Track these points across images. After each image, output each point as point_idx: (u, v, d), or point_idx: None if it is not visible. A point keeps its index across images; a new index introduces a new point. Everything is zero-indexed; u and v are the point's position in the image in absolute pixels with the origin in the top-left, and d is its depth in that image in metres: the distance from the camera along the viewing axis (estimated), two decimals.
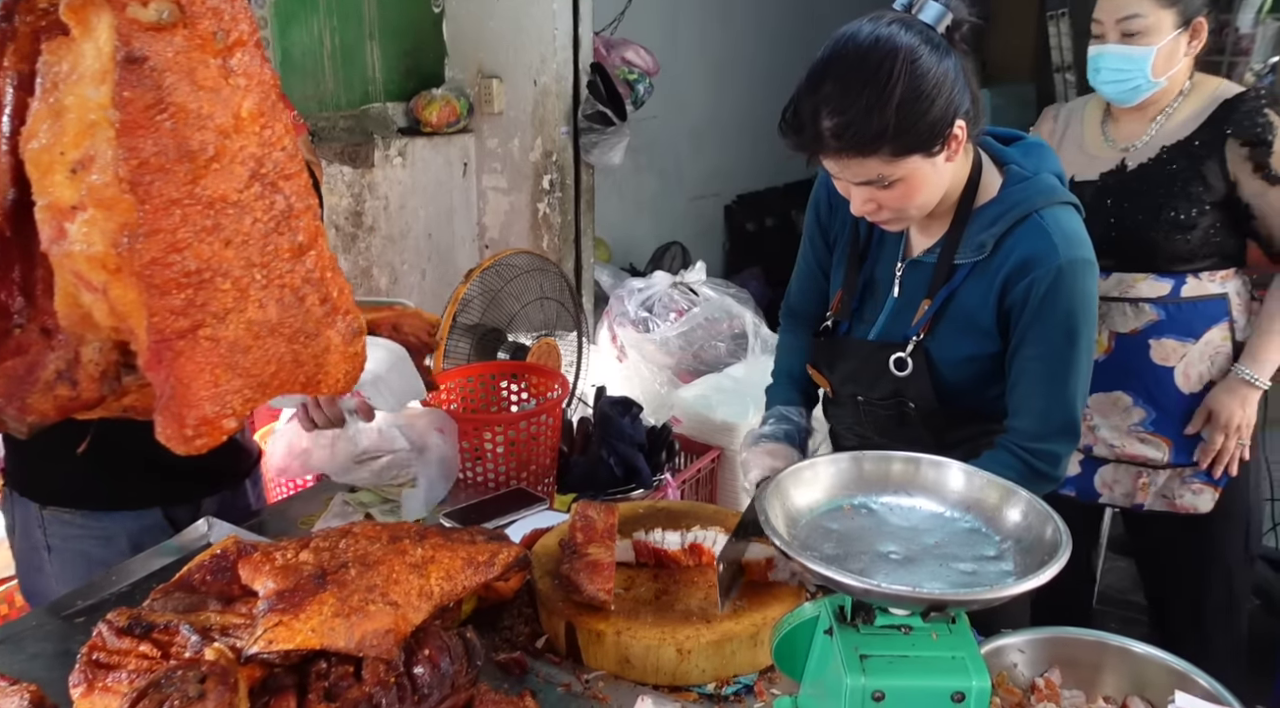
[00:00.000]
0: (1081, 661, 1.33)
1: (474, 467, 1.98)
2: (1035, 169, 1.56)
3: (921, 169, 1.43)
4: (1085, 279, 1.49)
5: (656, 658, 1.37)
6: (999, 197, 1.54)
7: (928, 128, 1.39)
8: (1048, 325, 1.49)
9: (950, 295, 1.55)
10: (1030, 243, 1.48)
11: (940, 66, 1.39)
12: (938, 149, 1.42)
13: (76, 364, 0.96)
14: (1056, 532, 1.10)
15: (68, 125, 0.83)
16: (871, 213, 1.49)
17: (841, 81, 1.38)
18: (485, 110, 3.72)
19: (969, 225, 1.53)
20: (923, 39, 1.39)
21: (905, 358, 1.58)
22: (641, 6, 4.36)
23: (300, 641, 1.16)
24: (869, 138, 1.37)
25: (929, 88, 1.37)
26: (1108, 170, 2.17)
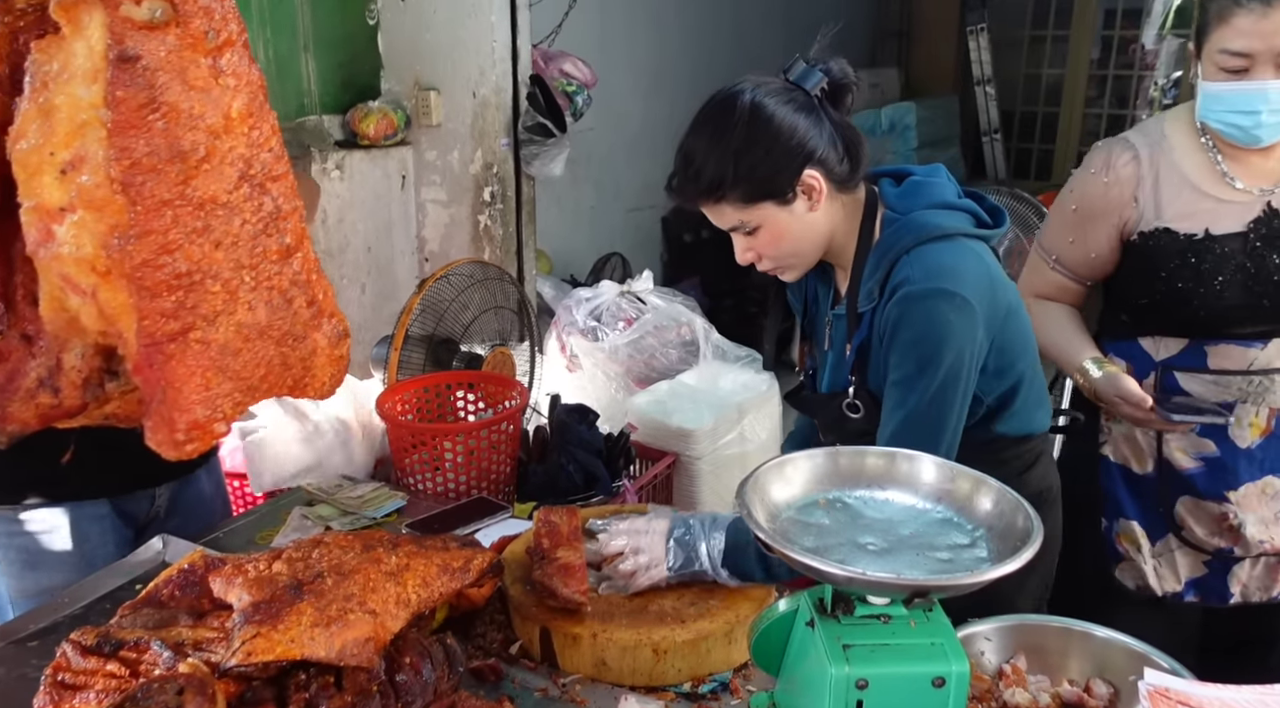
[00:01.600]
0: (1046, 646, 1.38)
1: (433, 477, 1.96)
2: (906, 209, 1.57)
3: (779, 217, 1.50)
4: (934, 308, 1.47)
5: (633, 659, 1.38)
6: (877, 243, 1.57)
7: (769, 175, 1.46)
8: (900, 351, 1.50)
9: (865, 340, 1.58)
10: (893, 282, 1.51)
11: (788, 119, 1.46)
12: (790, 197, 1.49)
13: (59, 371, 0.94)
14: (1027, 519, 1.13)
15: (58, 125, 0.81)
16: (754, 261, 1.56)
17: (695, 132, 1.50)
18: (423, 122, 3.70)
19: (864, 273, 1.58)
20: (775, 94, 1.47)
21: (854, 402, 1.63)
22: (577, 19, 4.39)
23: (280, 652, 1.15)
24: (710, 184, 1.47)
25: (768, 137, 1.45)
26: (1254, 217, 1.82)
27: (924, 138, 6.71)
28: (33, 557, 1.67)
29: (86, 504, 1.71)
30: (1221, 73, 1.75)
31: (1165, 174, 1.88)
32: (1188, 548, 1.98)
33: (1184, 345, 1.91)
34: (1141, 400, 1.84)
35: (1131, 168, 1.90)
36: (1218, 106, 1.78)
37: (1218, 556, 1.96)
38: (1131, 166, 1.90)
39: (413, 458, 1.98)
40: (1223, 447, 1.92)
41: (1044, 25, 7.64)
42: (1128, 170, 1.91)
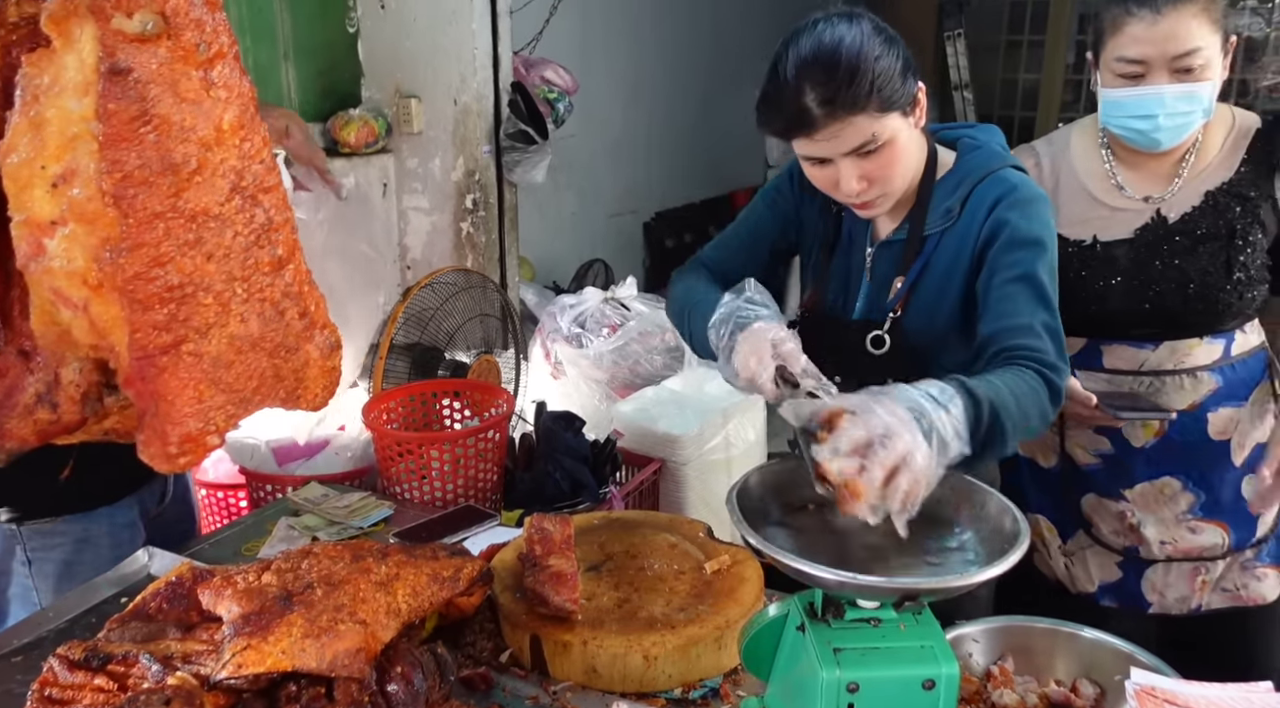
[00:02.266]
0: (1033, 647, 1.39)
1: (420, 486, 1.96)
2: (985, 141, 1.66)
3: (902, 132, 1.51)
4: (1047, 212, 1.56)
5: (624, 666, 1.38)
6: (956, 166, 1.63)
7: (901, 87, 1.48)
8: (1025, 247, 1.51)
9: (924, 268, 1.61)
10: (994, 190, 1.56)
11: (894, 42, 1.49)
12: (910, 110, 1.51)
13: (56, 386, 0.93)
14: (1015, 522, 1.15)
15: (48, 138, 0.80)
16: (862, 192, 1.53)
17: (817, 57, 1.45)
18: (404, 130, 3.69)
19: (933, 198, 1.61)
20: (871, 24, 1.50)
21: (883, 335, 1.62)
22: (558, 26, 4.39)
23: (271, 663, 1.14)
24: (860, 94, 1.44)
25: (894, 55, 1.47)
26: (1141, 225, 1.88)
27: None
28: (69, 569, 1.66)
29: (120, 512, 1.71)
30: (1119, 79, 1.80)
31: (1064, 181, 1.95)
32: (1099, 547, 2.02)
33: (1083, 345, 1.96)
34: (1087, 398, 1.86)
35: (1033, 174, 1.93)
36: (1118, 112, 1.83)
37: (1127, 556, 1.98)
38: (1033, 173, 1.95)
39: (399, 467, 1.97)
40: (1118, 445, 1.95)
41: (1020, 31, 7.71)
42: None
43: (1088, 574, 2.04)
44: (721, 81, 5.92)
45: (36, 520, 1.64)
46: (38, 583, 1.66)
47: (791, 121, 1.48)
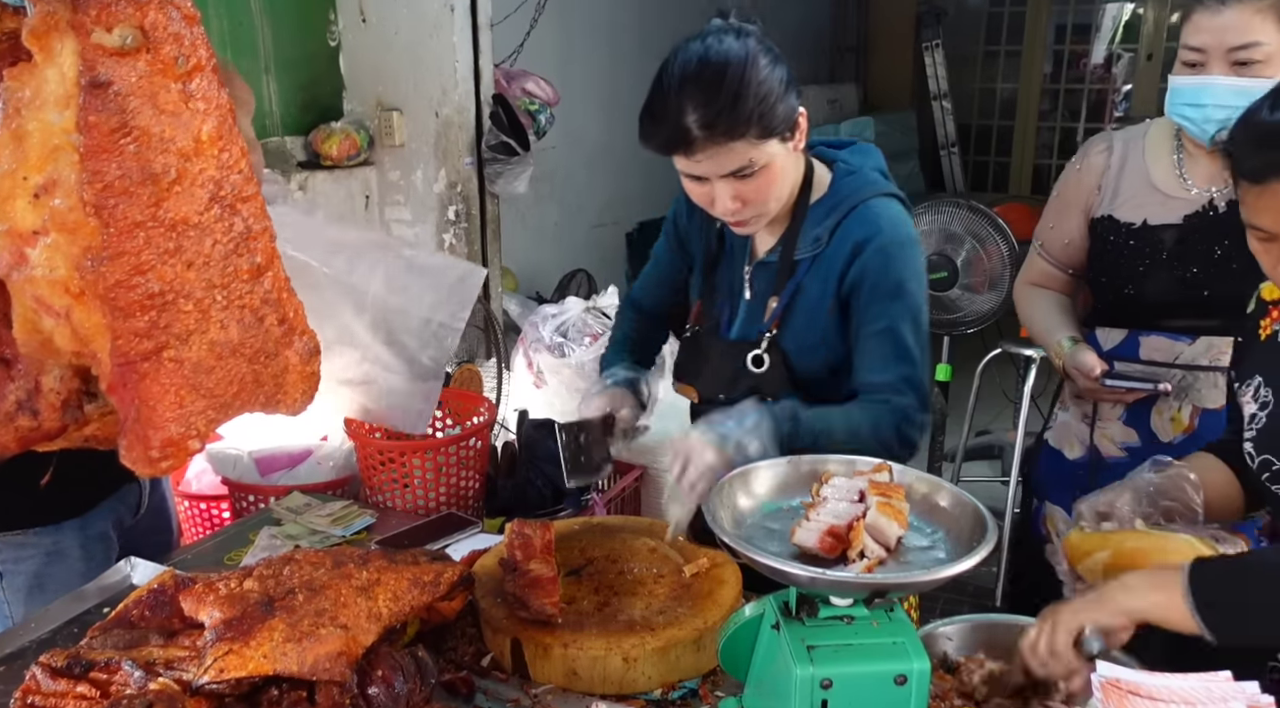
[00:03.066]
0: (1006, 644, 1.41)
1: (402, 493, 1.97)
2: (860, 165, 1.68)
3: (780, 156, 1.53)
4: (914, 257, 1.60)
5: (604, 668, 1.39)
6: (829, 191, 1.65)
7: (783, 114, 1.50)
8: (885, 301, 1.57)
9: (796, 290, 1.65)
10: (860, 229, 1.59)
11: (779, 65, 1.51)
12: (789, 134, 1.53)
13: (37, 394, 0.95)
14: (982, 519, 1.17)
15: (30, 150, 0.82)
16: (737, 211, 1.56)
17: (701, 78, 1.47)
18: (386, 143, 3.71)
19: (805, 222, 1.64)
20: (758, 42, 1.52)
21: (761, 354, 1.66)
22: (538, 39, 4.43)
23: (252, 668, 1.16)
24: (739, 120, 1.46)
25: (777, 79, 1.49)
26: (1191, 212, 1.90)
27: (883, 151, 6.81)
28: (39, 581, 1.66)
29: (91, 524, 1.70)
30: (1183, 67, 1.83)
31: (1130, 168, 1.98)
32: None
33: (1124, 336, 2.00)
34: (1089, 370, 1.92)
35: (1102, 158, 2.02)
36: (1175, 100, 1.85)
37: None
38: (1102, 157, 2.02)
39: (382, 476, 1.99)
40: (1145, 438, 1.99)
41: (997, 41, 7.80)
42: (1099, 159, 2.03)
43: None
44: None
45: (6, 533, 1.64)
46: (8, 595, 1.66)
47: (671, 140, 1.50)
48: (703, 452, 1.46)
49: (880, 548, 1.16)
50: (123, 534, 1.79)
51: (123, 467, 1.03)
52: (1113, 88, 7.52)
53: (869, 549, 1.15)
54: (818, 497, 1.25)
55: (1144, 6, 7.19)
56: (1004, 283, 3.52)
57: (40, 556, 1.65)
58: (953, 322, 3.66)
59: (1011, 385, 3.81)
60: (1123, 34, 7.47)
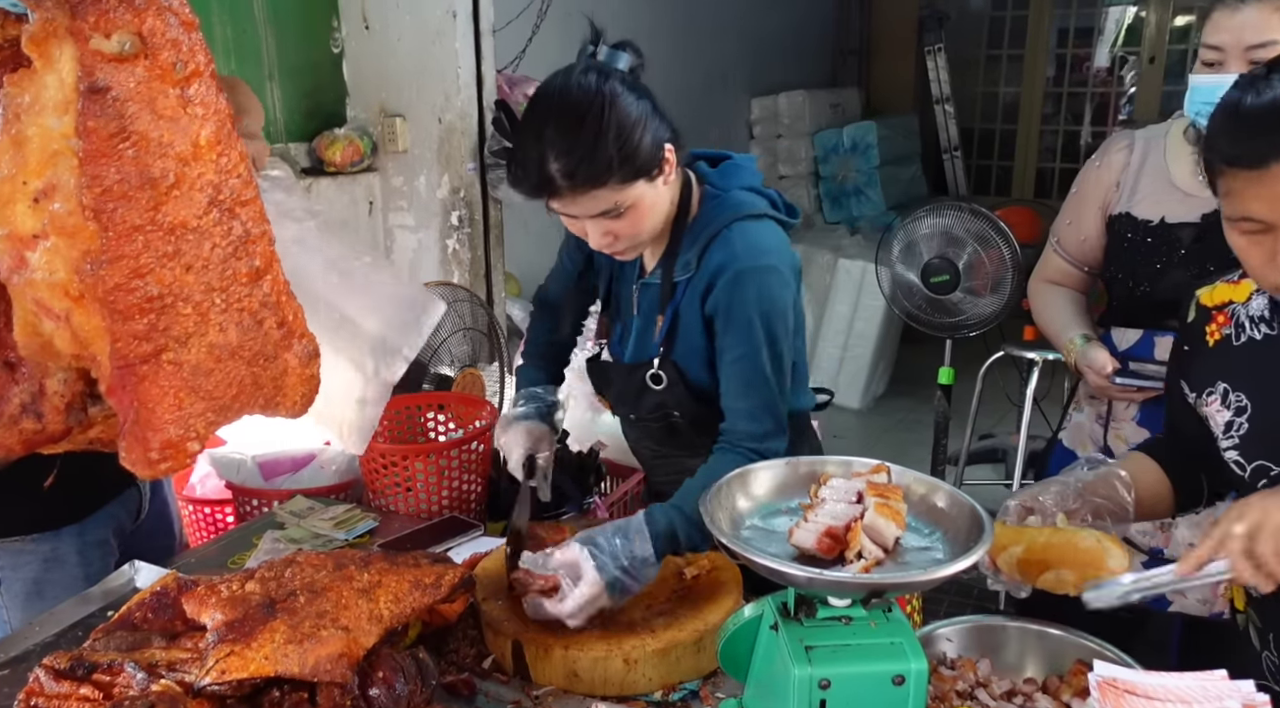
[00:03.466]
0: (1006, 646, 1.42)
1: (405, 497, 1.98)
2: (726, 187, 1.68)
3: (647, 194, 1.54)
4: (765, 283, 1.59)
5: (604, 670, 1.40)
6: (698, 216, 1.66)
7: (646, 155, 1.50)
8: (736, 329, 1.59)
9: (676, 311, 1.68)
10: (719, 255, 1.61)
11: (640, 102, 1.51)
12: (656, 173, 1.54)
13: (41, 396, 0.96)
14: (979, 520, 1.18)
15: (30, 155, 0.83)
16: (609, 245, 1.59)
17: (560, 126, 1.47)
18: (389, 149, 3.72)
19: (680, 245, 1.66)
20: (619, 80, 1.52)
21: (658, 373, 1.70)
22: (540, 44, 4.44)
23: (254, 669, 1.16)
24: (599, 171, 1.47)
25: (636, 119, 1.49)
26: (1210, 211, 1.88)
27: (885, 156, 6.82)
28: (38, 588, 1.66)
29: (89, 530, 1.70)
30: (1203, 67, 1.83)
31: (1150, 165, 1.98)
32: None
33: (1139, 336, 2.00)
34: (1101, 367, 1.92)
35: (1123, 155, 2.02)
36: (1193, 98, 1.85)
37: (1153, 556, 1.98)
38: (1123, 154, 2.03)
39: (384, 479, 1.99)
40: None
41: (999, 45, 7.79)
42: (1119, 157, 2.03)
43: None
44: (702, 97, 5.97)
45: (4, 540, 1.64)
46: (6, 602, 1.66)
47: (536, 188, 1.51)
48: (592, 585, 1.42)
49: (878, 549, 1.16)
50: (123, 540, 1.79)
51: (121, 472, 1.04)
52: (1115, 91, 7.51)
53: (866, 550, 1.16)
54: (816, 498, 1.26)
55: (1146, 9, 7.18)
56: (1006, 286, 3.53)
57: (38, 562, 1.66)
58: (955, 325, 3.66)
59: (1015, 388, 3.81)
60: (1125, 37, 7.47)
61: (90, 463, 1.27)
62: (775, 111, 6.64)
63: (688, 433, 1.76)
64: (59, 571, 1.67)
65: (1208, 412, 1.40)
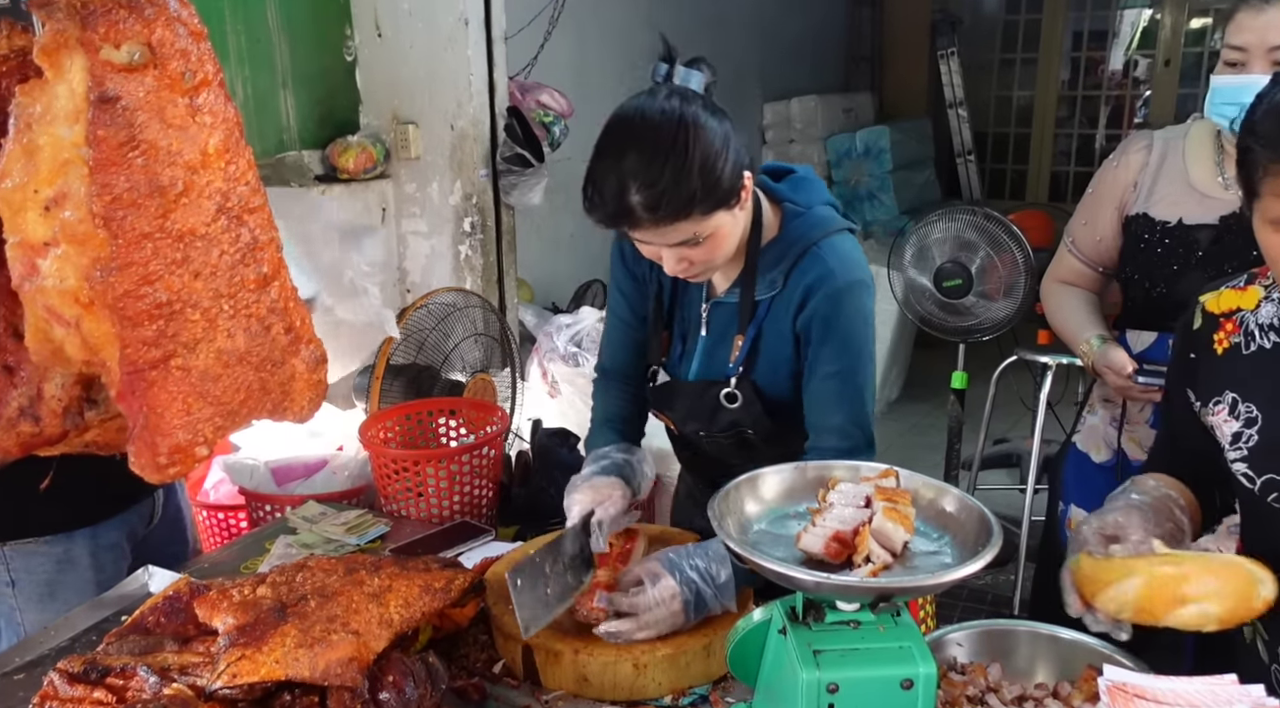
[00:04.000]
0: (1016, 650, 1.41)
1: (416, 502, 1.99)
2: (808, 203, 1.66)
3: (725, 223, 1.51)
4: (862, 298, 1.60)
5: (614, 674, 1.40)
6: (780, 234, 1.64)
7: (727, 185, 1.48)
8: (835, 344, 1.59)
9: (758, 330, 1.66)
10: (812, 272, 1.59)
11: (720, 127, 1.48)
12: (734, 202, 1.51)
13: (39, 400, 0.97)
14: (988, 524, 1.17)
15: (41, 164, 0.84)
16: (684, 270, 1.56)
17: (643, 155, 1.43)
18: (402, 155, 3.74)
19: (760, 264, 1.63)
20: (701, 105, 1.49)
21: (734, 392, 1.67)
22: (552, 51, 4.45)
23: (264, 673, 1.17)
24: (683, 204, 1.44)
25: (719, 148, 1.46)
26: (1228, 213, 1.90)
27: (898, 160, 6.80)
28: (51, 589, 1.68)
29: (103, 533, 1.72)
30: (1225, 67, 1.82)
31: (1169, 166, 1.98)
32: None
33: (1154, 338, 1.99)
34: (1122, 368, 1.91)
35: (1141, 155, 2.01)
36: (1215, 99, 1.84)
37: None
38: (1141, 154, 2.02)
39: (396, 485, 2.00)
40: None
41: (1013, 49, 7.77)
42: (1137, 157, 2.02)
43: None
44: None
45: (19, 541, 1.66)
46: (20, 603, 1.68)
47: (614, 217, 1.48)
48: (671, 603, 1.43)
49: (886, 553, 1.16)
50: (136, 545, 1.81)
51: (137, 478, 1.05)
52: (1131, 94, 7.48)
53: (875, 554, 1.16)
54: (824, 502, 1.26)
55: (1161, 12, 7.15)
56: (1019, 290, 3.52)
57: (51, 564, 1.67)
58: (967, 329, 3.65)
59: (1028, 393, 3.79)
60: (1140, 40, 7.44)
61: (107, 467, 1.28)
62: (788, 116, 6.63)
63: (759, 446, 1.73)
64: (71, 573, 1.69)
65: (1214, 421, 1.37)
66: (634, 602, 1.44)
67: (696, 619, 1.46)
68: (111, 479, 1.47)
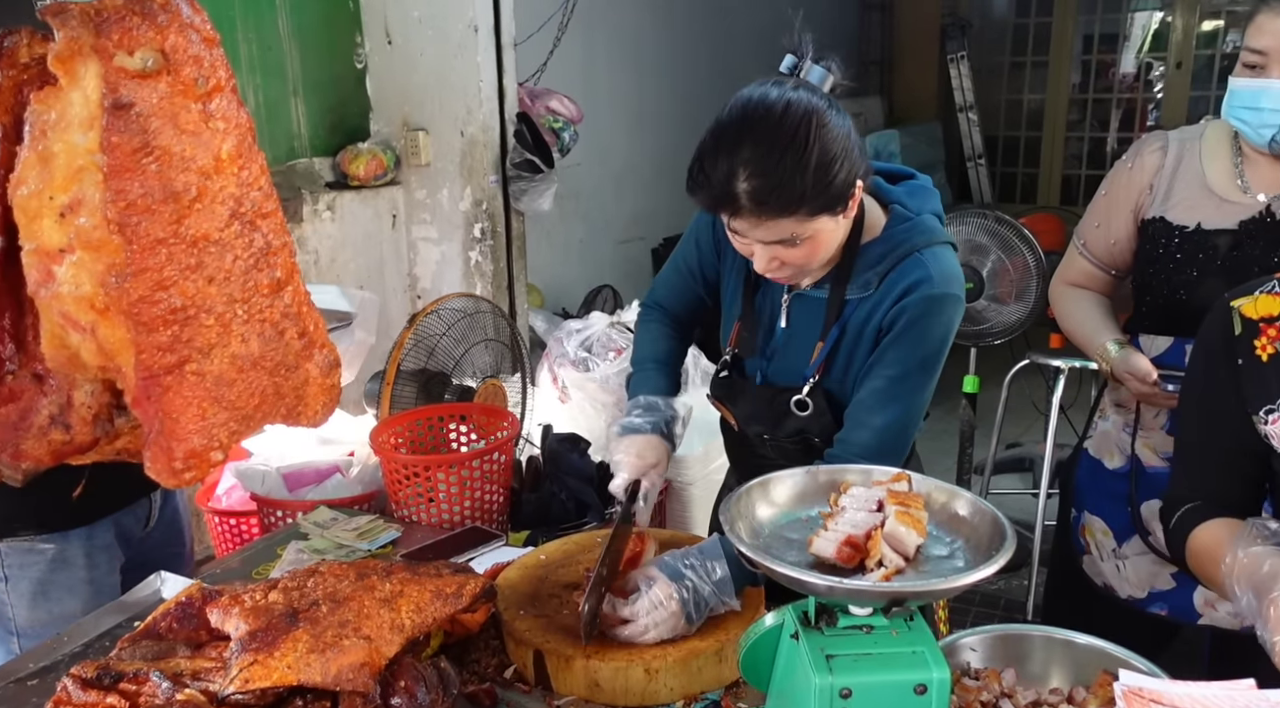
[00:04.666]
0: (1031, 655, 1.40)
1: (427, 508, 1.99)
2: (919, 210, 1.61)
3: (827, 228, 1.47)
4: (953, 312, 1.56)
5: (625, 680, 1.40)
6: (884, 235, 1.58)
7: (839, 190, 1.43)
8: (908, 347, 1.54)
9: (841, 332, 1.60)
10: (911, 276, 1.54)
11: (842, 129, 1.44)
12: (842, 208, 1.47)
13: (69, 408, 0.97)
14: (1001, 528, 1.17)
15: (56, 171, 0.85)
16: (775, 270, 1.52)
17: (760, 145, 1.39)
18: (412, 162, 3.76)
19: (856, 263, 1.58)
20: (826, 103, 1.44)
21: (805, 399, 1.62)
22: (562, 57, 4.47)
23: (276, 678, 1.17)
24: (792, 200, 1.40)
25: (838, 151, 1.42)
26: (1248, 218, 1.85)
27: (908, 164, 6.75)
28: (43, 588, 1.69)
29: (97, 533, 1.72)
30: (1244, 69, 1.79)
31: (1185, 168, 1.94)
32: (1154, 555, 1.99)
33: (1169, 344, 1.96)
34: (1147, 374, 1.88)
35: (1156, 157, 1.96)
36: (1233, 102, 1.82)
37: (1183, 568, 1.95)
38: (1157, 156, 1.97)
39: (407, 490, 2.00)
40: None
41: (1023, 52, 7.76)
42: (1152, 159, 1.98)
43: (1140, 580, 2.00)
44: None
45: (13, 539, 1.66)
46: (12, 599, 1.68)
47: (718, 201, 1.44)
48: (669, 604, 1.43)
49: (898, 557, 1.15)
50: (131, 546, 1.81)
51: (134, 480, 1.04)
52: (1142, 97, 7.46)
53: (887, 558, 1.15)
54: (836, 506, 1.25)
55: (1173, 15, 7.13)
56: (1031, 293, 3.50)
57: (45, 562, 1.68)
58: (979, 333, 3.64)
59: (1041, 396, 3.78)
60: (1151, 43, 7.42)
61: (102, 469, 1.28)
62: None
63: (820, 455, 1.66)
64: (65, 572, 1.69)
65: (1269, 429, 1.33)
66: (634, 609, 1.44)
67: (700, 619, 1.45)
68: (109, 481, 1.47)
